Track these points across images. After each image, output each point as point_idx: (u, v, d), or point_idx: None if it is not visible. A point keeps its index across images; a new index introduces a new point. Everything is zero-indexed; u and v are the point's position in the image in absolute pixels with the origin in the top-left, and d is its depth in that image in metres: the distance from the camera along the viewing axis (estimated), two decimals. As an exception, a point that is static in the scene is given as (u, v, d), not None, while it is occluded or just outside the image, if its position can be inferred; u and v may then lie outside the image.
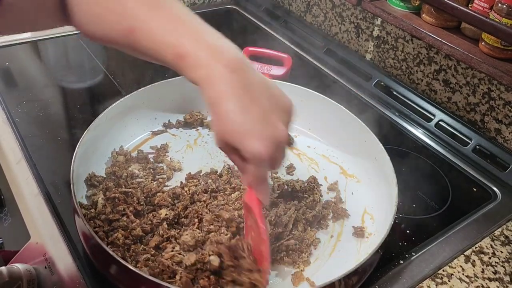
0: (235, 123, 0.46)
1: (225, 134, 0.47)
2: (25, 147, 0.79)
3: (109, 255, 0.54)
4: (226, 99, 0.46)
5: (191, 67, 0.46)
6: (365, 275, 0.62)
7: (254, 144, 0.46)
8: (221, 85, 0.46)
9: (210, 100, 0.47)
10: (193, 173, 0.78)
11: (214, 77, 0.46)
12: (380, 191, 0.75)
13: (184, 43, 0.46)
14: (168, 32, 0.47)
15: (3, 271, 0.58)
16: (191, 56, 0.46)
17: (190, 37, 0.47)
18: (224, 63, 0.46)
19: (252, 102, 0.47)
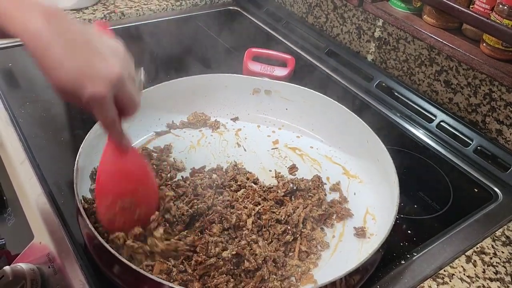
0: (63, 72, 0.45)
1: (59, 85, 0.46)
2: (28, 147, 0.79)
3: (112, 255, 0.54)
4: (49, 49, 0.45)
5: (8, 21, 0.45)
6: (367, 274, 0.62)
7: (88, 88, 0.46)
8: (41, 33, 0.44)
9: (34, 53, 0.45)
10: (197, 168, 0.80)
11: (33, 29, 0.44)
12: (382, 192, 0.75)
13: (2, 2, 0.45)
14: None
15: (7, 271, 0.58)
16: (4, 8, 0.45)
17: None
18: (40, 13, 0.45)
19: (75, 47, 0.46)
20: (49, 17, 0.45)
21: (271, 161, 0.85)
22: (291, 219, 0.69)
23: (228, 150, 0.86)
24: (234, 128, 0.92)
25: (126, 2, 1.29)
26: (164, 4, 1.31)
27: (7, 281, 0.57)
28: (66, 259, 0.61)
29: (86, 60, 0.46)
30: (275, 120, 0.94)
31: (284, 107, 0.93)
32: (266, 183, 0.78)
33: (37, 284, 0.59)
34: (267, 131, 0.92)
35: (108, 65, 0.47)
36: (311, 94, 0.89)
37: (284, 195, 0.74)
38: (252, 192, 0.72)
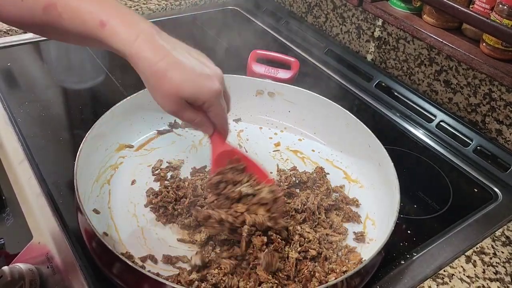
0: (184, 73, 0.50)
1: (176, 90, 0.50)
2: (27, 147, 0.79)
3: (111, 253, 0.54)
4: (166, 53, 0.49)
5: (115, 33, 0.48)
6: (368, 276, 0.62)
7: (206, 85, 0.52)
8: (148, 54, 0.48)
9: (147, 61, 0.49)
10: (198, 168, 0.80)
11: (138, 47, 0.48)
12: (382, 197, 0.75)
13: (105, 11, 0.48)
14: (88, 3, 0.49)
15: (5, 271, 0.58)
16: (112, 22, 0.48)
17: (109, 7, 0.49)
18: (142, 29, 0.49)
19: (185, 53, 0.52)
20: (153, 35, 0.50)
21: (272, 163, 0.84)
22: (308, 207, 0.70)
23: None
24: (236, 129, 0.92)
25: (125, 2, 1.29)
26: (163, 3, 1.31)
27: (6, 281, 0.57)
28: (65, 259, 0.61)
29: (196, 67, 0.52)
30: (278, 122, 0.94)
31: (287, 110, 0.92)
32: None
33: (36, 284, 0.59)
34: (269, 133, 0.92)
35: (214, 67, 0.54)
36: (315, 97, 0.88)
37: (288, 188, 0.75)
38: None
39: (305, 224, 0.69)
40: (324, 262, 0.63)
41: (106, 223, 0.68)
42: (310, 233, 0.66)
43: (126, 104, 0.80)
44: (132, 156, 0.81)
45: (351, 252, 0.67)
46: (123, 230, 0.67)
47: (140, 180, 0.77)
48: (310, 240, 0.65)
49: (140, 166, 0.80)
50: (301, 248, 0.64)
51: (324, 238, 0.68)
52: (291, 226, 0.66)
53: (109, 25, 0.48)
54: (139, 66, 0.49)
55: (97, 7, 0.49)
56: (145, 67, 0.49)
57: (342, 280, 0.56)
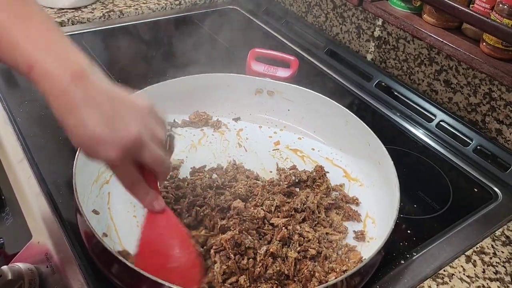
0: (81, 133, 0.47)
1: (77, 144, 0.48)
2: (26, 146, 0.79)
3: (111, 254, 0.54)
4: (70, 112, 0.46)
5: (38, 79, 0.46)
6: (367, 276, 0.62)
7: (102, 152, 0.47)
8: (64, 98, 0.46)
9: (56, 114, 0.47)
10: (197, 167, 0.79)
11: (58, 90, 0.46)
12: (382, 196, 0.75)
13: (35, 55, 0.46)
14: (25, 44, 0.46)
15: (4, 270, 0.58)
16: (38, 67, 0.46)
17: (42, 48, 0.47)
18: (68, 73, 0.46)
19: (95, 108, 0.47)
20: (78, 79, 0.46)
21: (272, 162, 0.84)
22: (307, 206, 0.70)
23: (229, 150, 0.86)
24: (235, 128, 0.92)
25: (125, 1, 1.29)
26: (163, 3, 1.31)
27: (5, 281, 0.57)
28: (65, 259, 0.61)
29: (105, 123, 0.47)
30: (277, 121, 0.93)
31: (286, 108, 0.92)
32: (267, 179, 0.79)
33: (35, 284, 0.59)
34: (269, 132, 0.92)
35: (125, 129, 0.48)
36: (314, 96, 0.88)
37: (288, 187, 0.75)
38: (261, 188, 0.72)
39: (304, 223, 0.69)
40: (324, 262, 0.63)
41: (106, 224, 0.68)
42: (310, 233, 0.66)
43: None
44: (132, 156, 0.81)
45: (351, 251, 0.67)
46: (123, 230, 0.67)
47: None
48: (310, 240, 0.65)
49: (140, 165, 0.79)
50: (300, 248, 0.63)
51: (324, 237, 0.68)
52: (291, 226, 0.66)
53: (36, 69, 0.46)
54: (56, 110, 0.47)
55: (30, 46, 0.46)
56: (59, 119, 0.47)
57: (342, 279, 0.55)
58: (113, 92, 0.49)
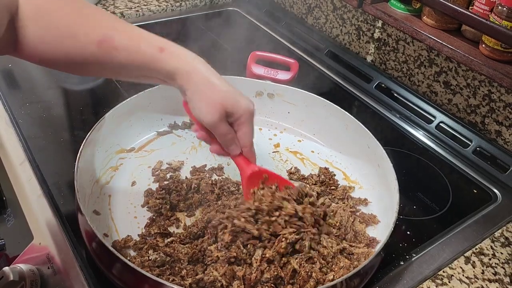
0: (227, 91, 0.59)
1: (220, 101, 0.58)
2: (28, 148, 0.79)
3: (112, 254, 0.55)
4: (213, 77, 0.58)
5: (172, 57, 0.57)
6: (367, 277, 0.62)
7: (244, 101, 0.61)
8: (203, 69, 0.58)
9: (197, 79, 0.57)
10: (198, 167, 0.80)
11: (196, 64, 0.58)
12: (382, 198, 0.76)
13: (159, 40, 0.57)
14: (143, 34, 0.57)
15: (6, 272, 0.58)
16: (168, 48, 0.57)
17: (159, 37, 0.58)
18: (189, 54, 0.59)
19: (226, 81, 0.60)
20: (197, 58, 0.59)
21: (272, 164, 0.85)
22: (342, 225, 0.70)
23: (229, 152, 0.86)
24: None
25: (126, 3, 1.29)
26: (163, 5, 1.31)
27: (7, 282, 0.57)
28: (66, 260, 0.61)
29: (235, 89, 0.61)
30: (277, 124, 0.94)
31: (286, 111, 0.93)
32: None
33: (37, 285, 0.59)
34: (269, 134, 0.92)
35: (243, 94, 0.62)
36: (314, 99, 0.89)
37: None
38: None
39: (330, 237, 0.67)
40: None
41: (107, 225, 0.68)
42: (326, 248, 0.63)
43: (126, 105, 0.80)
44: (132, 158, 0.81)
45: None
46: (124, 231, 0.68)
47: (140, 181, 0.77)
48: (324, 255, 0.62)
49: (140, 167, 0.80)
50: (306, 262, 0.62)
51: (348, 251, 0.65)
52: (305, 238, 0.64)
53: (167, 50, 0.56)
54: (194, 78, 0.57)
55: (151, 37, 0.57)
56: (199, 79, 0.57)
57: (342, 280, 0.56)
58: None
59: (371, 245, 0.68)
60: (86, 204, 0.67)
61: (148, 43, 0.56)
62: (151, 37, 0.57)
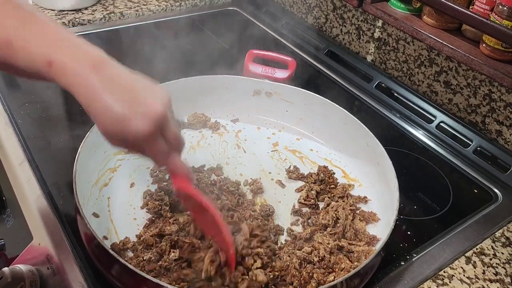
0: (109, 116, 0.48)
1: (106, 129, 0.49)
2: (27, 148, 0.79)
3: (111, 256, 0.54)
4: (95, 98, 0.48)
5: (59, 73, 0.48)
6: (367, 277, 0.62)
7: (132, 127, 0.49)
8: (90, 83, 0.48)
9: (83, 101, 0.49)
10: (196, 167, 0.80)
11: (82, 78, 0.48)
12: (381, 196, 0.75)
13: (52, 51, 0.48)
14: (40, 43, 0.48)
15: (5, 272, 0.58)
16: (58, 62, 0.48)
17: (57, 46, 0.49)
18: (88, 63, 0.49)
19: (119, 91, 0.49)
20: (98, 67, 0.49)
21: (271, 163, 0.85)
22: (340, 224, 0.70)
23: (228, 151, 0.86)
24: (234, 129, 0.92)
25: (125, 3, 1.29)
26: (163, 4, 1.31)
27: (6, 282, 0.57)
28: (65, 261, 0.61)
29: (130, 103, 0.49)
30: (275, 122, 0.94)
31: (284, 109, 0.92)
32: (264, 185, 0.79)
33: (36, 286, 0.59)
34: (267, 133, 0.92)
35: (151, 104, 0.50)
36: (312, 97, 0.88)
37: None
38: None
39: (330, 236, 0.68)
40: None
41: (106, 227, 0.68)
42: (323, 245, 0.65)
43: None
44: (130, 159, 0.81)
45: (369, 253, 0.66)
46: (123, 233, 0.67)
47: (139, 182, 0.76)
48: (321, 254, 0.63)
49: (138, 168, 0.79)
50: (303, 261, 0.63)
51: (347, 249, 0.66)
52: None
53: (55, 63, 0.48)
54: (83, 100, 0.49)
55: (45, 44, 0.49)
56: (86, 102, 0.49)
57: (342, 281, 0.55)
58: (133, 77, 0.52)
59: (371, 243, 0.68)
60: (85, 207, 0.67)
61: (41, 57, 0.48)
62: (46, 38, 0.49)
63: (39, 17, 0.50)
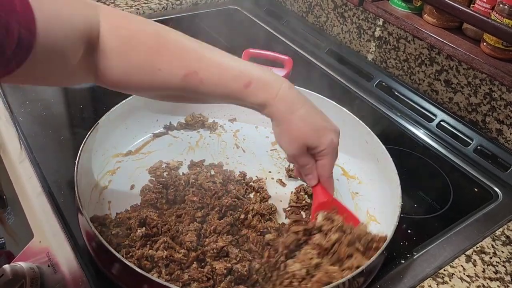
0: (310, 124, 0.59)
1: (305, 137, 0.59)
2: (28, 146, 0.79)
3: (111, 254, 0.54)
4: (297, 108, 0.58)
5: (258, 91, 0.56)
6: (370, 277, 0.62)
7: (327, 136, 0.60)
8: (288, 99, 0.58)
9: (282, 114, 0.58)
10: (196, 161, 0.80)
11: (281, 95, 0.57)
12: (382, 193, 0.75)
13: (246, 73, 0.56)
14: (230, 67, 0.56)
15: (6, 270, 0.58)
16: (255, 82, 0.56)
17: (248, 68, 0.57)
18: (286, 83, 0.58)
19: (312, 108, 0.60)
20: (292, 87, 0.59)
21: (270, 162, 0.85)
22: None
23: (227, 151, 0.86)
24: (232, 129, 0.92)
25: (126, 1, 1.29)
26: (164, 3, 1.31)
27: (7, 279, 0.57)
28: (66, 258, 0.61)
29: (322, 118, 0.61)
30: None
31: None
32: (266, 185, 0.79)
33: (37, 283, 0.59)
34: (265, 132, 0.92)
35: (332, 124, 0.62)
36: (310, 95, 0.88)
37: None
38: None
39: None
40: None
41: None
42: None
43: (121, 108, 0.79)
44: (129, 160, 0.80)
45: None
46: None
47: (139, 184, 0.76)
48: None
49: (138, 170, 0.79)
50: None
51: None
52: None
53: (253, 84, 0.56)
54: (275, 116, 0.58)
55: (237, 67, 0.56)
56: (279, 118, 0.58)
57: (345, 281, 0.55)
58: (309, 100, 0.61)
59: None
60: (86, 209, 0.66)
61: (234, 78, 0.56)
62: (237, 67, 0.57)
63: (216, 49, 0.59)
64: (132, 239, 0.63)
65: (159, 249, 0.61)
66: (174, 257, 0.60)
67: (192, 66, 0.54)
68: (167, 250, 0.61)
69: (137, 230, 0.63)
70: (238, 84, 0.56)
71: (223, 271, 0.59)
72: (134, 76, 0.54)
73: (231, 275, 0.60)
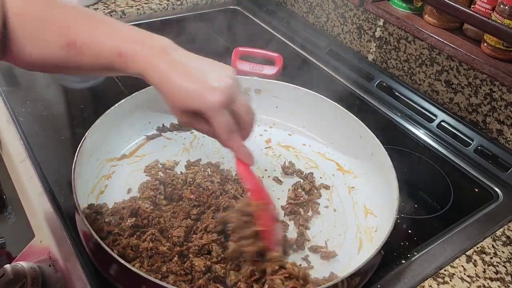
0: (185, 89, 0.52)
1: (182, 104, 0.53)
2: (29, 146, 0.79)
3: (109, 255, 0.54)
4: (170, 75, 0.53)
5: (130, 61, 0.53)
6: (367, 276, 0.62)
7: (207, 98, 0.52)
8: (161, 66, 0.53)
9: (157, 81, 0.53)
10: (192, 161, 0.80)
11: (153, 62, 0.53)
12: (378, 187, 0.76)
13: (122, 43, 0.53)
14: (106, 39, 0.53)
15: (7, 269, 0.58)
16: (129, 52, 0.53)
17: (126, 38, 0.54)
18: (157, 49, 0.54)
19: (192, 69, 0.54)
20: (167, 52, 0.54)
21: (266, 160, 0.84)
22: None
23: (222, 151, 0.85)
24: (225, 128, 0.91)
25: (127, 1, 1.29)
26: (164, 3, 1.31)
27: (8, 279, 0.57)
28: (67, 258, 0.61)
29: (201, 79, 0.53)
30: (266, 119, 0.93)
31: (274, 105, 0.92)
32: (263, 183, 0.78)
33: (38, 283, 0.59)
34: (259, 130, 0.91)
35: (220, 78, 0.54)
36: (301, 92, 0.88)
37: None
38: None
39: None
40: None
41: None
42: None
43: (113, 112, 0.78)
44: (123, 164, 0.79)
45: None
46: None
47: (136, 188, 0.75)
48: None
49: (133, 173, 0.78)
50: None
51: None
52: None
53: (126, 53, 0.52)
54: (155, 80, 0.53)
55: (113, 39, 0.53)
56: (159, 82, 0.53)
57: (342, 279, 0.55)
58: (200, 57, 0.57)
59: None
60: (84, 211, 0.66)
61: (110, 50, 0.53)
62: (114, 34, 0.54)
63: (104, 17, 0.56)
64: (121, 228, 0.64)
65: (146, 241, 0.62)
66: (158, 249, 0.61)
67: (70, 37, 0.53)
68: (152, 242, 0.61)
69: (127, 220, 0.64)
70: (112, 55, 0.53)
71: (202, 268, 0.59)
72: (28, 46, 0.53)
73: (209, 273, 0.60)
